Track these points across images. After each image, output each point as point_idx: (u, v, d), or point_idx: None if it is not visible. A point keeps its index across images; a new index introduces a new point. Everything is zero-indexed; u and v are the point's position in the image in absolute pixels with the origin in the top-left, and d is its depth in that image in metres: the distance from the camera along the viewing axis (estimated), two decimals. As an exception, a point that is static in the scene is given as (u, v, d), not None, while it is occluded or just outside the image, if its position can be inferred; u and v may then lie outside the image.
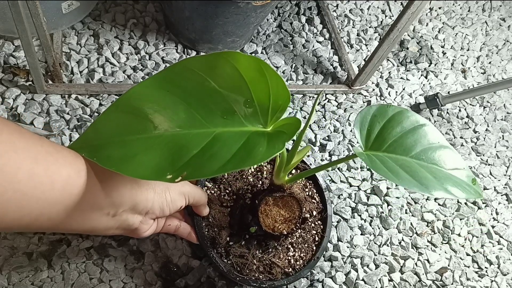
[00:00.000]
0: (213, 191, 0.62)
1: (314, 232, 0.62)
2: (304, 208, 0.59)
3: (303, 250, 0.61)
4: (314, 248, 0.61)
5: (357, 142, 0.79)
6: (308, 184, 0.65)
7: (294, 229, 0.57)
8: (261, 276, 0.58)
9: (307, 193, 0.64)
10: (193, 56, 0.34)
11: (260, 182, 0.63)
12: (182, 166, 0.35)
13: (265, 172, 0.64)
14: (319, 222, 0.63)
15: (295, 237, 0.61)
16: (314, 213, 0.63)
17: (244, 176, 0.63)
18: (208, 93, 0.37)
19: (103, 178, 0.39)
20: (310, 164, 0.66)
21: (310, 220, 0.62)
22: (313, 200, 0.64)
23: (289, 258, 0.60)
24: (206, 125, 0.38)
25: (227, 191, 0.62)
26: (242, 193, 0.61)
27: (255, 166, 0.63)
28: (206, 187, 0.62)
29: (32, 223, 0.35)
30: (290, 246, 0.60)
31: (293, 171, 0.66)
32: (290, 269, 0.59)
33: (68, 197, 0.36)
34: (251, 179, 0.63)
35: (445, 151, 0.45)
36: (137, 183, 0.43)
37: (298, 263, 0.60)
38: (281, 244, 0.60)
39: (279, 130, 0.39)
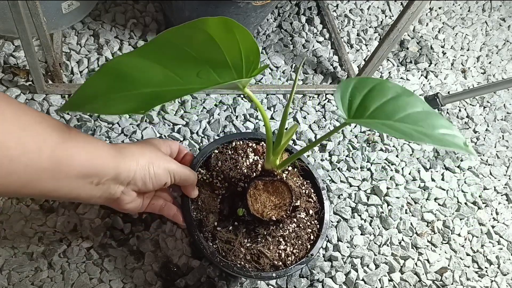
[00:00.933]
0: (205, 177, 0.62)
1: (310, 230, 0.61)
2: (297, 203, 0.58)
3: (296, 246, 0.59)
4: (309, 246, 0.60)
5: (339, 112, 0.80)
6: (305, 183, 0.64)
7: (284, 216, 0.55)
8: (247, 265, 0.56)
9: (304, 191, 0.63)
10: (172, 28, 0.37)
11: (254, 174, 0.62)
12: (154, 104, 0.40)
13: (259, 166, 0.63)
14: (315, 221, 0.62)
15: (287, 231, 0.59)
16: (311, 212, 0.62)
17: (238, 167, 0.62)
18: (186, 59, 0.40)
19: (89, 149, 0.41)
20: (308, 163, 0.65)
21: (306, 218, 0.62)
22: (310, 199, 0.63)
23: (280, 251, 0.58)
24: (183, 83, 0.42)
25: (219, 179, 0.61)
26: (234, 181, 0.60)
27: (250, 160, 0.63)
28: (198, 172, 0.61)
29: (20, 189, 0.37)
30: (281, 239, 0.59)
31: (289, 168, 0.65)
32: (280, 263, 0.58)
33: (55, 165, 0.38)
34: (245, 171, 0.62)
35: (431, 116, 0.44)
36: (121, 154, 0.45)
37: (289, 258, 0.58)
38: (271, 235, 0.58)
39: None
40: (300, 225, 0.60)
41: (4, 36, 0.77)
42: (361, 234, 0.72)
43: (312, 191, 0.64)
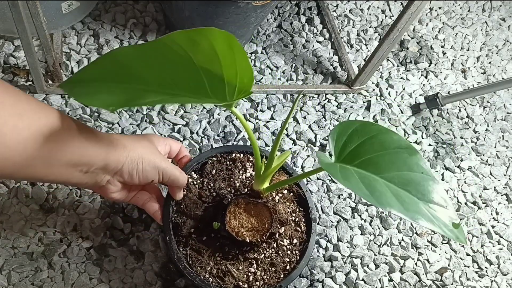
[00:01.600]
0: (195, 183, 0.61)
1: (288, 259, 0.58)
2: (275, 223, 0.55)
3: (268, 272, 0.56)
4: (282, 276, 0.57)
5: (328, 151, 0.79)
6: (298, 210, 0.61)
7: (259, 240, 0.54)
8: (210, 279, 0.55)
9: (294, 218, 0.60)
10: (178, 30, 0.37)
11: (246, 189, 0.60)
12: (128, 104, 0.40)
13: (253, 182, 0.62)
14: (296, 252, 0.59)
15: (263, 254, 0.56)
16: (295, 241, 0.59)
17: (232, 179, 0.61)
18: (185, 64, 0.40)
19: (82, 138, 0.42)
20: (306, 191, 0.62)
21: (288, 246, 0.58)
22: (297, 228, 0.60)
23: (249, 274, 0.56)
24: (173, 88, 0.41)
25: (209, 187, 0.60)
26: (223, 193, 0.59)
27: (247, 174, 0.62)
28: (190, 176, 0.61)
29: (15, 173, 0.39)
30: (254, 262, 0.56)
31: (285, 192, 0.62)
32: (246, 286, 0.55)
33: (48, 154, 0.39)
34: (238, 184, 0.61)
35: (427, 183, 0.41)
36: (112, 144, 0.46)
37: (257, 283, 0.55)
38: (244, 255, 0.56)
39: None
40: (279, 252, 0.58)
41: (4, 36, 0.77)
42: (361, 234, 0.72)
43: (303, 220, 0.61)
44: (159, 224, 0.63)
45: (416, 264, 0.72)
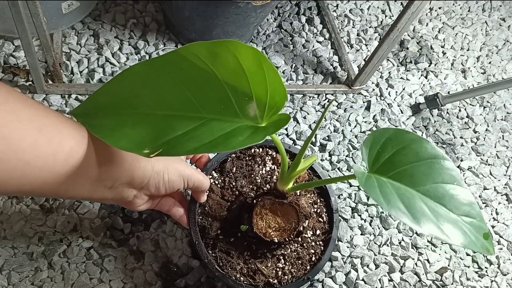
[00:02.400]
0: (217, 182, 0.61)
1: (313, 251, 0.59)
2: (304, 224, 0.57)
3: (295, 265, 0.58)
4: (308, 267, 0.58)
5: (362, 161, 0.79)
6: (319, 201, 0.62)
7: (287, 239, 0.55)
8: (242, 279, 0.56)
9: (316, 209, 0.61)
10: (195, 42, 0.35)
11: (268, 185, 0.61)
12: (161, 144, 0.36)
13: (274, 177, 0.62)
14: (320, 242, 0.60)
15: (289, 249, 0.58)
16: (318, 232, 0.60)
17: (252, 176, 0.61)
18: (208, 79, 0.37)
19: (104, 152, 0.40)
20: (321, 172, 0.63)
21: (311, 238, 0.60)
22: (320, 219, 0.61)
23: (277, 269, 0.57)
24: (199, 110, 0.38)
25: (231, 186, 0.61)
26: (245, 192, 0.60)
27: (267, 168, 0.62)
28: (211, 176, 0.61)
29: (34, 190, 0.36)
30: (281, 257, 0.58)
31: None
32: (275, 281, 0.56)
33: (70, 169, 0.37)
34: (259, 180, 0.61)
35: (459, 195, 0.41)
36: (136, 159, 0.44)
37: (286, 277, 0.57)
38: (272, 253, 0.57)
39: (268, 125, 0.40)
40: (304, 244, 0.59)
41: (4, 36, 0.77)
42: (361, 234, 0.72)
43: (325, 210, 0.62)
44: (179, 224, 0.63)
45: (416, 264, 0.72)
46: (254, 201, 0.57)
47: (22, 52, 0.75)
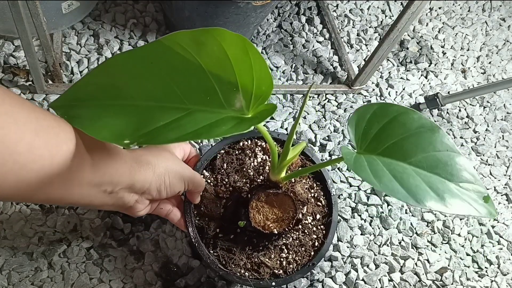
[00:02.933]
0: (209, 180, 0.60)
1: (315, 236, 0.58)
2: (302, 211, 0.56)
3: (299, 253, 0.58)
4: (312, 253, 0.58)
5: (349, 142, 0.79)
6: (315, 185, 0.62)
7: (286, 229, 0.54)
8: (247, 274, 0.55)
9: (313, 194, 0.61)
10: (180, 31, 0.34)
11: (261, 177, 0.60)
12: (143, 135, 0.35)
13: (267, 167, 0.61)
14: (321, 226, 0.59)
15: (291, 238, 0.58)
16: (318, 216, 0.59)
17: (244, 169, 0.61)
18: (193, 69, 0.36)
19: (103, 156, 0.39)
20: (315, 156, 0.62)
21: (312, 223, 0.59)
22: (318, 203, 0.61)
23: (281, 259, 0.57)
24: (184, 101, 0.37)
25: (224, 182, 0.60)
26: (239, 186, 0.59)
27: (258, 160, 0.61)
28: (203, 175, 0.60)
29: (30, 195, 0.35)
30: (284, 247, 0.57)
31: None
32: (281, 271, 0.56)
33: (67, 173, 0.36)
34: (252, 173, 0.60)
35: (454, 161, 0.39)
36: (137, 162, 0.44)
37: (290, 266, 0.57)
38: (273, 244, 0.57)
39: (255, 116, 0.39)
40: (305, 231, 0.59)
41: (4, 36, 0.77)
42: (361, 234, 0.72)
43: (322, 193, 0.61)
44: (183, 230, 0.62)
45: (416, 264, 0.72)
46: (249, 195, 0.56)
47: (22, 52, 0.75)
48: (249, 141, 0.63)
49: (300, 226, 0.58)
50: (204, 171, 0.61)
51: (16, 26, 0.58)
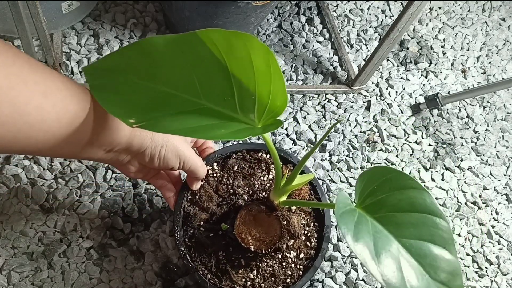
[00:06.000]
0: (215, 175, 0.60)
1: (290, 273, 0.55)
2: (284, 239, 0.54)
3: (267, 282, 0.55)
4: (280, 287, 0.55)
5: (353, 193, 0.77)
6: (312, 224, 0.58)
7: (263, 252, 0.52)
8: (209, 276, 0.54)
9: (306, 232, 0.58)
10: (215, 28, 0.35)
11: (264, 193, 0.59)
12: (148, 117, 0.37)
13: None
14: (301, 267, 0.56)
15: (266, 263, 0.55)
16: (302, 255, 0.56)
17: (252, 179, 0.60)
18: (218, 68, 0.37)
19: (107, 118, 0.41)
20: (323, 196, 0.60)
21: (293, 259, 0.56)
22: (307, 243, 0.57)
23: (247, 279, 0.54)
24: (200, 96, 0.38)
25: (228, 182, 0.59)
26: (239, 192, 0.59)
27: (270, 177, 0.60)
28: (211, 168, 0.60)
29: (37, 150, 0.38)
30: (255, 268, 0.55)
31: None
32: None
33: (73, 132, 0.38)
34: (257, 186, 0.59)
35: (446, 260, 0.38)
36: (138, 128, 0.45)
37: None
38: (246, 261, 0.55)
39: (260, 127, 0.39)
40: (283, 263, 0.56)
41: (4, 36, 0.77)
42: (361, 234, 0.72)
43: (315, 236, 0.58)
44: (170, 210, 0.62)
45: (416, 264, 0.72)
46: (245, 204, 0.55)
47: (22, 52, 0.75)
48: (268, 155, 0.62)
49: (279, 256, 0.56)
50: (215, 164, 0.60)
51: (16, 26, 0.58)
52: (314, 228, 0.59)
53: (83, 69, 0.39)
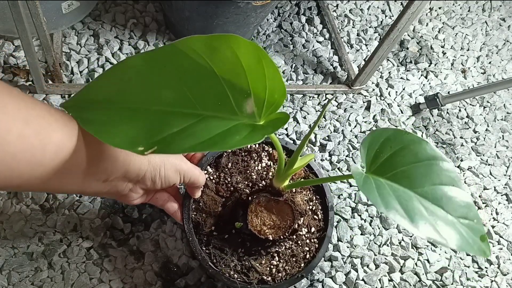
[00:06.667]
0: (212, 178, 0.60)
1: (307, 249, 0.58)
2: (299, 221, 0.56)
3: (289, 263, 0.57)
4: (302, 265, 0.58)
5: (360, 162, 0.79)
6: (314, 198, 0.62)
7: (282, 237, 0.54)
8: (236, 276, 0.55)
9: (311, 207, 0.61)
10: (194, 36, 0.34)
11: (263, 182, 0.60)
12: (157, 141, 0.35)
13: (270, 173, 0.61)
14: (315, 240, 0.59)
15: (283, 247, 0.57)
16: (313, 229, 0.59)
17: (248, 172, 0.61)
18: (205, 75, 0.36)
19: (96, 144, 0.38)
20: (326, 170, 0.63)
21: (306, 235, 0.59)
22: (315, 216, 0.60)
23: (272, 266, 0.56)
24: (196, 107, 0.37)
25: (226, 181, 0.60)
26: (240, 188, 0.59)
27: (263, 164, 0.62)
28: (206, 172, 0.60)
29: (23, 184, 0.35)
30: (276, 255, 0.57)
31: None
32: (269, 278, 0.56)
33: (60, 162, 0.36)
34: (254, 176, 0.60)
35: (458, 196, 0.41)
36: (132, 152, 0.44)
37: (279, 274, 0.57)
38: (266, 250, 0.57)
39: (267, 124, 0.39)
40: (299, 242, 0.58)
41: (4, 36, 0.77)
42: (361, 234, 0.72)
43: (320, 208, 0.61)
44: (178, 223, 0.62)
45: (416, 264, 0.72)
46: (249, 197, 0.56)
47: (22, 52, 0.75)
48: (257, 145, 0.63)
49: (294, 237, 0.58)
50: (208, 167, 0.61)
51: (16, 26, 0.58)
52: (317, 201, 0.62)
53: (63, 105, 0.37)
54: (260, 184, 0.60)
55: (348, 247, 0.71)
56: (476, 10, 1.13)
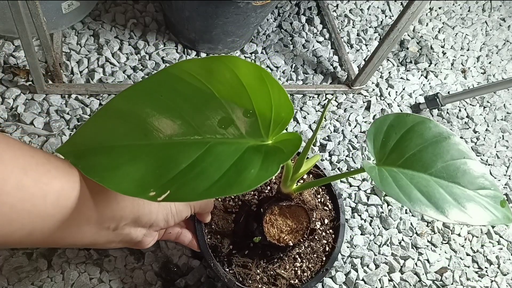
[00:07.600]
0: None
1: (325, 241, 0.59)
2: (313, 218, 0.56)
3: (311, 260, 0.58)
4: (324, 258, 0.58)
5: (368, 154, 0.79)
6: (320, 190, 0.62)
7: (301, 240, 0.54)
8: (265, 287, 0.56)
9: (319, 199, 0.61)
10: (190, 58, 0.33)
11: (268, 188, 0.60)
12: (167, 182, 0.32)
13: (274, 178, 0.61)
14: (330, 231, 0.60)
15: (303, 246, 0.58)
16: (326, 221, 0.60)
17: None
18: (205, 99, 0.35)
19: (100, 190, 0.36)
20: (324, 168, 0.62)
21: (321, 228, 0.59)
22: (325, 207, 0.61)
23: (296, 269, 0.57)
24: (199, 133, 0.35)
25: (232, 197, 0.59)
26: (248, 199, 0.59)
27: None
28: None
29: (24, 238, 0.32)
30: (297, 256, 0.58)
31: (305, 176, 0.63)
32: (297, 281, 0.56)
33: (62, 211, 0.33)
34: (259, 186, 0.60)
35: (470, 168, 0.40)
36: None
37: (305, 274, 0.57)
38: (287, 255, 0.57)
39: (278, 146, 0.37)
40: (316, 237, 0.59)
41: (4, 36, 0.77)
42: (361, 234, 0.72)
43: (328, 197, 0.62)
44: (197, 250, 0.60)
45: (416, 264, 0.72)
46: (260, 208, 0.56)
47: (22, 52, 0.75)
48: None
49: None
50: None
51: (16, 26, 0.58)
52: (323, 192, 0.62)
53: (59, 151, 0.34)
54: (265, 191, 0.60)
55: (348, 247, 0.71)
56: (476, 10, 1.13)
